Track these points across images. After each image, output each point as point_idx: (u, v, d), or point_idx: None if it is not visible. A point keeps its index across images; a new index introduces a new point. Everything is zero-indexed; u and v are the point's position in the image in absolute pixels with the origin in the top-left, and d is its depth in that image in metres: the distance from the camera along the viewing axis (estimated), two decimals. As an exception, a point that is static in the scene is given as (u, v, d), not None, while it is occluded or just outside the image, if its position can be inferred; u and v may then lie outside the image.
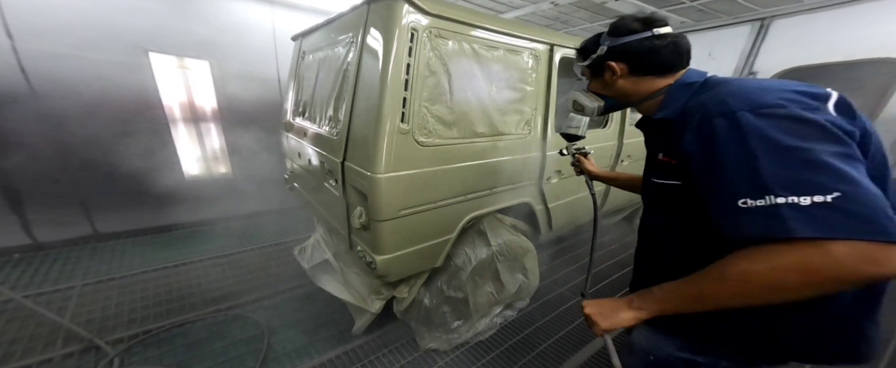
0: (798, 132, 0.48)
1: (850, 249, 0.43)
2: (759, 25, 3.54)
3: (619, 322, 0.66)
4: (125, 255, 2.60)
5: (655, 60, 0.72)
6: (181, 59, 2.87)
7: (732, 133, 0.52)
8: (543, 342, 1.78)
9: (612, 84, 0.80)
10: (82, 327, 1.75)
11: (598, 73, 0.82)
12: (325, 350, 1.72)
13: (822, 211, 0.44)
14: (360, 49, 1.34)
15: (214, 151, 3.28)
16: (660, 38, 0.71)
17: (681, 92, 0.70)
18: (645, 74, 0.75)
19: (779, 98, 0.52)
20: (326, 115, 1.64)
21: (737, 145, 0.51)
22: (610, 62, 0.77)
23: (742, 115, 0.52)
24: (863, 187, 0.45)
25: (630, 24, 0.75)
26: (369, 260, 1.42)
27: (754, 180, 0.49)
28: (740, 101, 0.54)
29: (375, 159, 1.22)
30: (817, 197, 0.45)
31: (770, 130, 0.49)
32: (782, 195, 0.46)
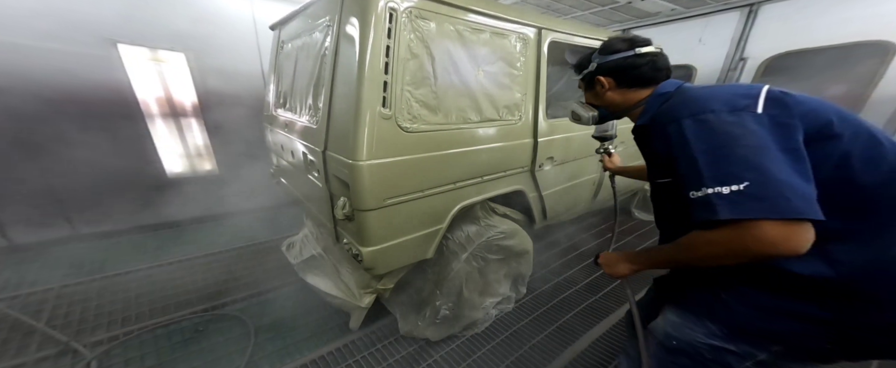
0: (723, 133, 0.60)
1: (752, 228, 0.54)
2: (748, 11, 3.52)
3: (618, 271, 0.85)
4: (106, 255, 2.52)
5: (636, 74, 0.86)
6: (154, 51, 2.75)
7: (679, 137, 0.64)
8: (538, 334, 1.76)
9: (602, 96, 0.94)
10: (59, 329, 1.68)
11: (591, 86, 0.96)
12: (315, 347, 1.69)
13: (738, 197, 0.55)
14: (337, 33, 1.28)
15: (197, 147, 3.18)
16: (641, 56, 0.85)
17: (656, 101, 0.82)
18: (629, 87, 0.88)
19: (714, 104, 0.63)
20: (306, 104, 1.57)
21: (682, 147, 0.64)
22: (599, 77, 0.91)
23: (684, 121, 0.64)
24: (769, 175, 0.54)
25: (616, 44, 0.88)
26: (355, 252, 1.37)
27: (695, 176, 0.60)
28: (686, 109, 0.66)
29: (357, 147, 1.17)
30: (734, 186, 0.55)
31: (703, 133, 0.62)
32: (711, 187, 0.58)
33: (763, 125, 0.59)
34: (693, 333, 0.78)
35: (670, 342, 0.82)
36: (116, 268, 2.31)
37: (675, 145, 0.65)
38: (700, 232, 0.61)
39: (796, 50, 3.29)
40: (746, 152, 0.57)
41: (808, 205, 0.53)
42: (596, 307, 1.98)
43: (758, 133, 0.58)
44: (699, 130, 0.62)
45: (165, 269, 2.35)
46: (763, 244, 0.53)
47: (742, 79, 3.69)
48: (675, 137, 0.65)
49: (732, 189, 0.55)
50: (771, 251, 0.53)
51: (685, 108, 0.66)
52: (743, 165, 0.56)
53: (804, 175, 0.57)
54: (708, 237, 0.60)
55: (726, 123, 0.60)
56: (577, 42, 1.87)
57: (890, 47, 2.80)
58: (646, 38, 0.88)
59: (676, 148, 0.65)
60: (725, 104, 0.63)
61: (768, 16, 3.42)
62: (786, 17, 3.32)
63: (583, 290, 2.13)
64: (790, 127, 0.60)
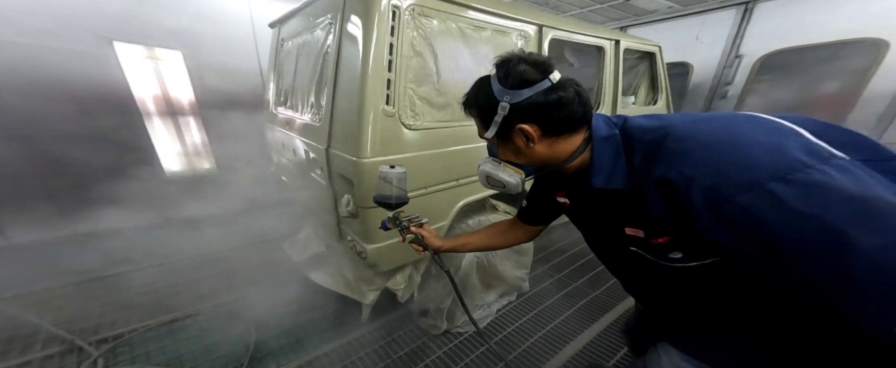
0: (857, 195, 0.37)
1: None
2: (744, 9, 3.56)
3: None
4: (107, 253, 2.51)
5: (565, 115, 0.59)
6: (150, 49, 2.73)
7: (792, 217, 0.39)
8: (541, 329, 1.79)
9: (527, 153, 0.64)
10: (63, 328, 1.69)
11: (507, 138, 0.65)
12: (318, 344, 1.70)
13: None
14: (340, 30, 1.29)
15: (195, 145, 3.17)
16: (560, 87, 0.59)
17: (604, 148, 0.59)
18: (559, 134, 0.61)
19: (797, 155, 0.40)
20: (308, 102, 1.58)
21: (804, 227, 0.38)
22: (521, 125, 0.61)
23: (772, 185, 0.40)
24: None
25: (523, 71, 0.59)
26: (360, 250, 1.39)
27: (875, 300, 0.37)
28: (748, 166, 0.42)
29: (360, 144, 1.19)
30: None
31: (840, 207, 0.37)
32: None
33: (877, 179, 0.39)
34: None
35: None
36: (117, 267, 2.30)
37: (788, 225, 0.39)
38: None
39: (791, 47, 3.33)
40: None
41: None
42: (597, 302, 2.00)
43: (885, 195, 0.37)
44: (825, 201, 0.38)
45: (166, 267, 2.35)
46: None
47: (737, 76, 3.74)
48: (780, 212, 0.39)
49: None
50: None
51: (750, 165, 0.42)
52: None
53: None
54: None
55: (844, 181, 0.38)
56: (578, 39, 1.88)
57: (882, 45, 2.85)
58: (545, 57, 0.63)
59: (795, 230, 0.39)
60: (803, 152, 0.41)
61: (764, 13, 3.46)
62: (781, 14, 3.36)
63: (584, 286, 2.16)
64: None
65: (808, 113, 3.33)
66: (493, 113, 0.62)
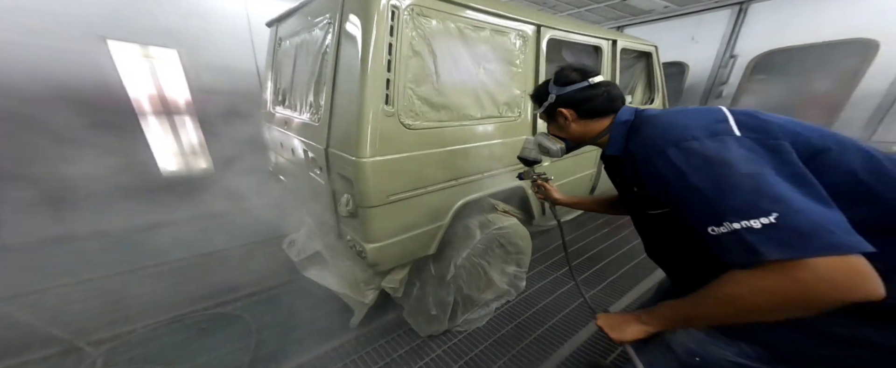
0: (719, 161, 0.56)
1: (818, 269, 0.46)
2: (738, 10, 3.60)
3: (628, 335, 0.72)
4: (103, 254, 2.49)
5: (594, 105, 0.86)
6: (145, 47, 2.70)
7: (672, 168, 0.60)
8: (540, 327, 1.80)
9: (566, 128, 0.92)
10: (61, 329, 1.67)
11: (553, 118, 0.94)
12: (319, 343, 1.70)
13: (776, 232, 0.48)
14: (339, 30, 1.29)
15: (192, 145, 3.15)
16: (595, 86, 0.85)
17: (620, 130, 0.82)
18: (590, 118, 0.88)
19: (693, 131, 0.61)
20: (307, 101, 1.58)
21: (680, 178, 0.59)
22: (560, 109, 0.90)
23: (669, 151, 0.61)
24: (792, 202, 0.49)
25: (570, 74, 0.88)
26: (359, 249, 1.40)
27: (709, 209, 0.55)
28: (666, 138, 0.63)
29: (360, 144, 1.19)
30: (763, 219, 0.49)
31: (695, 162, 0.58)
32: (736, 221, 0.51)
33: (751, 149, 0.56)
34: (722, 352, 0.71)
35: (693, 359, 0.74)
36: (114, 268, 2.29)
37: (671, 178, 0.60)
38: (737, 277, 0.53)
39: (784, 47, 3.38)
40: (752, 181, 0.52)
41: (851, 237, 0.47)
42: (594, 300, 2.03)
43: (750, 158, 0.55)
44: (688, 158, 0.58)
45: (165, 268, 2.34)
46: (832, 289, 0.45)
47: (732, 76, 3.78)
48: (667, 168, 0.60)
49: (763, 223, 0.49)
50: (844, 297, 0.45)
51: (664, 137, 0.63)
52: (757, 194, 0.51)
53: (824, 201, 0.51)
54: (753, 285, 0.50)
55: (713, 149, 0.57)
56: (575, 39, 1.90)
57: (872, 45, 2.89)
58: (593, 67, 0.93)
59: (673, 180, 0.59)
60: (703, 130, 0.60)
61: (758, 14, 3.50)
62: (774, 15, 3.40)
63: (581, 284, 2.18)
64: (782, 149, 0.56)
65: (801, 114, 3.38)
66: (545, 100, 0.93)
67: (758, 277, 0.50)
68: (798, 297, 0.48)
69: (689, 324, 0.65)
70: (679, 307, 0.64)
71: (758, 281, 0.50)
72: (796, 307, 0.49)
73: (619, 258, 2.44)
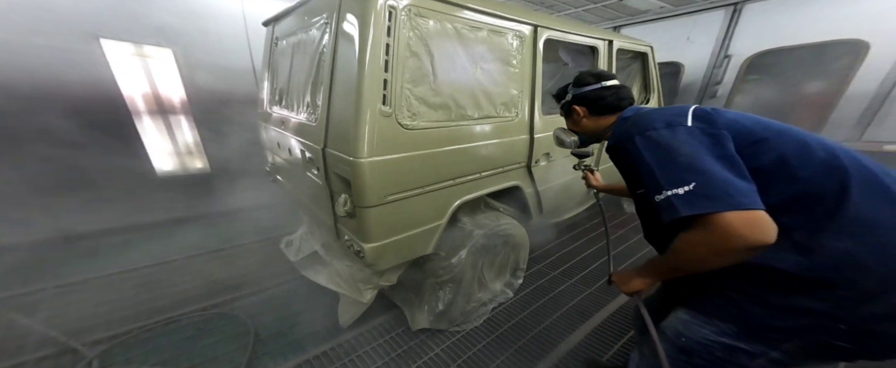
0: (665, 145, 0.72)
1: (717, 221, 0.61)
2: (733, 10, 3.63)
3: (634, 287, 0.89)
4: (99, 255, 2.48)
5: (604, 103, 1.01)
6: (139, 46, 2.67)
7: (636, 151, 0.76)
8: (537, 325, 1.82)
9: (579, 123, 1.09)
10: (56, 330, 1.66)
11: (569, 114, 1.11)
12: (318, 343, 1.71)
13: (690, 196, 0.64)
14: (336, 30, 1.29)
15: (188, 145, 3.13)
16: (607, 88, 1.00)
17: (619, 124, 0.96)
18: (600, 114, 1.03)
19: (655, 123, 0.76)
20: (304, 101, 1.58)
21: (639, 159, 0.75)
22: (575, 106, 1.06)
23: (636, 138, 0.77)
24: (709, 175, 0.64)
25: (587, 78, 1.04)
26: (357, 249, 1.40)
27: (654, 183, 0.70)
28: (636, 128, 0.79)
29: (357, 144, 1.19)
30: (685, 187, 0.65)
31: (650, 145, 0.74)
32: (669, 190, 0.67)
33: (694, 135, 0.71)
34: (703, 331, 0.80)
35: (680, 339, 0.84)
36: (110, 268, 2.27)
37: (635, 159, 0.76)
38: (681, 236, 0.69)
39: (777, 48, 3.42)
40: (686, 159, 0.68)
41: (749, 198, 0.61)
42: (592, 299, 2.05)
43: (691, 142, 0.70)
44: (647, 144, 0.74)
45: (161, 268, 2.33)
46: (731, 235, 0.60)
47: (726, 76, 3.82)
48: (633, 151, 0.77)
49: (685, 190, 0.64)
50: (740, 242, 0.59)
51: (635, 127, 0.79)
52: (687, 169, 0.66)
53: (741, 175, 0.65)
54: (688, 239, 0.67)
55: (665, 136, 0.73)
56: (572, 40, 1.91)
57: (863, 46, 2.94)
58: (609, 72, 1.06)
59: (636, 161, 0.76)
60: (662, 122, 0.76)
61: (752, 14, 3.54)
62: (768, 16, 3.44)
63: (578, 283, 2.21)
64: (719, 136, 0.71)
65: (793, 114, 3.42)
66: (563, 98, 1.11)
67: (690, 232, 0.67)
68: (715, 243, 0.62)
69: (672, 274, 0.80)
70: (660, 261, 0.82)
71: (690, 235, 0.67)
72: (718, 252, 0.63)
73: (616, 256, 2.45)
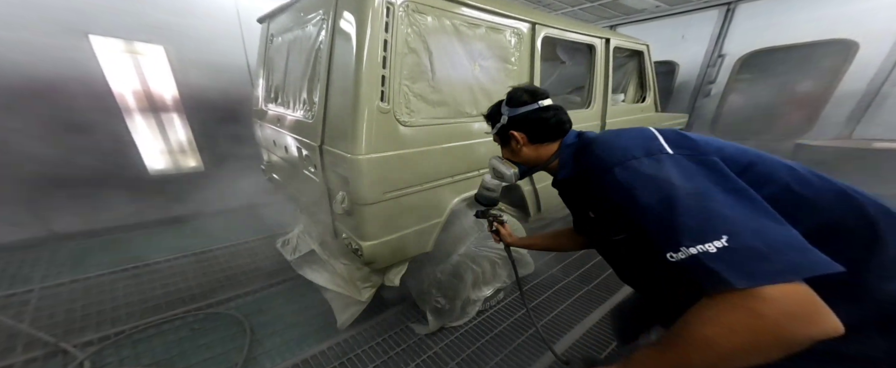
0: (662, 182, 0.55)
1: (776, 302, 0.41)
2: (726, 10, 3.68)
3: None
4: (88, 256, 2.43)
5: (545, 128, 0.84)
6: (130, 43, 2.62)
7: (617, 187, 0.60)
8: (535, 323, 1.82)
9: (518, 152, 0.89)
10: (45, 331, 1.63)
11: (506, 141, 0.91)
12: (316, 342, 1.69)
13: (731, 257, 0.44)
14: (333, 26, 1.27)
15: (180, 143, 3.07)
16: (545, 109, 0.83)
17: (566, 152, 0.82)
18: (541, 142, 0.85)
19: (634, 151, 0.62)
20: (300, 99, 1.56)
21: (627, 199, 0.58)
22: (513, 132, 0.86)
23: (615, 170, 0.61)
24: (738, 223, 0.47)
25: (520, 95, 0.85)
26: (355, 247, 1.39)
27: (665, 232, 0.51)
28: (611, 157, 0.64)
29: (355, 141, 1.18)
30: (716, 242, 0.46)
31: (640, 180, 0.58)
32: (691, 245, 0.47)
33: (688, 166, 0.56)
34: None
35: None
36: (100, 268, 2.23)
37: (621, 198, 0.59)
38: (705, 316, 0.46)
39: (769, 47, 3.47)
40: (697, 200, 0.51)
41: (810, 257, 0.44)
42: (590, 296, 2.05)
43: (689, 176, 0.55)
44: (634, 179, 0.58)
45: (154, 268, 2.29)
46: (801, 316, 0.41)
47: (720, 75, 3.87)
48: (615, 188, 0.60)
49: (717, 246, 0.45)
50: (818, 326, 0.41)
51: (609, 157, 0.64)
52: (706, 214, 0.49)
53: (775, 218, 0.48)
54: (723, 322, 0.44)
55: (653, 167, 0.58)
56: (570, 38, 1.91)
57: (852, 46, 2.99)
58: (543, 89, 0.87)
59: (624, 201, 0.59)
60: (641, 150, 0.61)
61: (745, 14, 3.58)
62: (760, 15, 3.49)
63: (576, 280, 2.21)
64: (717, 166, 0.56)
65: (784, 110, 3.47)
66: (497, 121, 0.89)
67: (725, 313, 0.44)
68: (772, 330, 0.41)
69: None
70: (656, 358, 0.52)
71: (725, 317, 0.44)
72: (771, 347, 0.42)
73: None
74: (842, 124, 3.15)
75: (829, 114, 3.20)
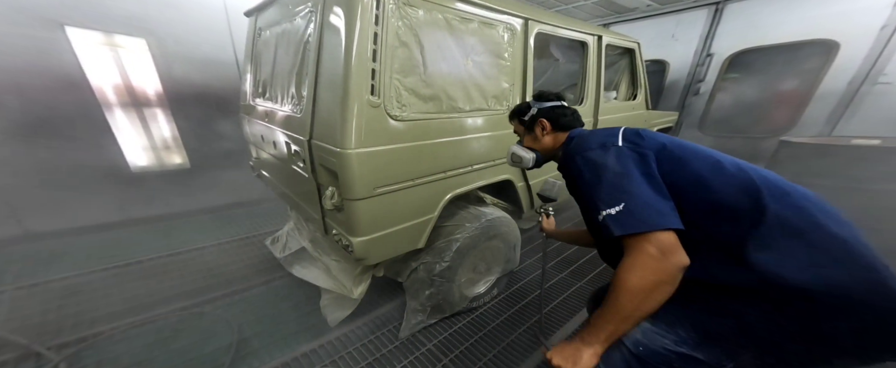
0: (600, 164, 0.77)
1: (650, 241, 0.64)
2: (715, 10, 3.74)
3: (585, 364, 0.69)
4: (66, 255, 2.33)
5: (565, 120, 1.07)
6: (109, 35, 2.52)
7: (577, 171, 0.82)
8: (528, 319, 1.83)
9: (540, 138, 1.09)
10: (18, 333, 1.55)
11: (531, 129, 1.11)
12: (306, 341, 1.66)
13: (622, 216, 0.67)
14: (322, 18, 1.24)
15: (165, 139, 2.98)
16: (565, 107, 1.09)
17: (567, 143, 1.03)
18: (559, 131, 1.08)
19: (592, 144, 0.83)
20: (289, 93, 1.52)
21: (580, 178, 0.81)
22: (541, 119, 1.08)
23: (577, 158, 0.84)
24: (635, 195, 0.69)
25: (548, 95, 1.11)
26: (346, 243, 1.36)
27: (593, 202, 0.74)
28: (577, 148, 0.86)
29: (345, 135, 1.15)
30: (617, 207, 0.68)
31: (588, 166, 0.80)
32: (604, 209, 0.70)
33: (623, 155, 0.77)
34: (663, 340, 0.78)
35: (638, 348, 0.80)
36: (78, 268, 2.14)
37: (576, 177, 0.82)
38: (622, 266, 0.67)
39: (755, 47, 3.55)
40: (616, 179, 0.72)
41: (668, 218, 0.66)
42: (582, 292, 2.07)
43: (621, 162, 0.75)
44: (585, 164, 0.80)
45: (136, 267, 2.21)
46: (662, 254, 0.63)
47: (709, 74, 3.94)
48: (574, 170, 0.83)
49: (616, 210, 0.68)
50: (673, 261, 0.63)
51: (578, 147, 0.85)
52: (617, 188, 0.71)
53: (661, 193, 0.70)
54: (624, 266, 0.66)
55: (599, 156, 0.79)
56: (563, 34, 1.91)
57: (833, 46, 3.08)
58: (560, 93, 1.12)
59: (577, 179, 0.82)
60: (598, 144, 0.82)
61: (732, 14, 3.66)
62: (747, 15, 3.56)
63: (569, 277, 2.23)
64: (646, 156, 0.76)
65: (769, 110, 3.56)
66: (527, 113, 1.13)
67: (625, 259, 0.66)
68: (649, 265, 0.63)
69: (622, 325, 0.68)
70: (603, 314, 0.69)
71: (625, 262, 0.66)
72: (655, 273, 0.63)
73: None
74: (824, 122, 3.25)
75: (811, 112, 3.30)
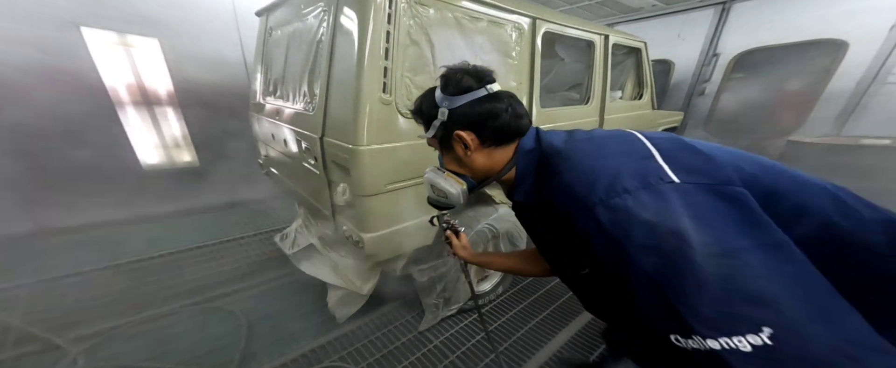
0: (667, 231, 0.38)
1: None
2: (721, 9, 3.73)
3: None
4: (82, 251, 2.38)
5: (499, 124, 0.59)
6: (123, 35, 2.57)
7: (601, 235, 0.43)
8: (533, 318, 1.83)
9: (467, 160, 0.64)
10: (37, 326, 1.59)
11: (448, 145, 0.64)
12: (314, 337, 1.68)
13: (777, 361, 0.32)
14: (335, 17, 1.27)
15: (175, 138, 3.03)
16: (495, 96, 0.60)
17: (525, 161, 0.61)
18: (495, 144, 0.62)
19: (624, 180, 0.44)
20: (300, 91, 1.55)
21: (619, 254, 0.41)
22: (459, 132, 0.60)
23: (597, 210, 0.43)
24: (790, 305, 0.33)
25: (461, 78, 0.60)
26: (357, 239, 1.38)
27: (667, 312, 0.37)
28: (588, 188, 0.46)
29: (357, 131, 1.18)
30: (752, 337, 0.32)
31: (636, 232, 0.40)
32: (711, 337, 0.34)
33: (705, 206, 0.40)
34: None
35: None
36: (94, 263, 2.19)
37: (608, 254, 0.44)
38: None
39: (762, 46, 3.53)
40: (722, 266, 0.35)
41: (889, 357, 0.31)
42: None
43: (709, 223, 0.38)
44: (627, 228, 0.41)
45: (149, 263, 2.25)
46: None
47: (714, 74, 3.92)
48: (599, 238, 0.44)
49: (753, 343, 0.32)
50: None
51: (588, 187, 0.46)
52: (735, 292, 0.34)
53: (829, 292, 0.34)
54: None
55: (655, 209, 0.40)
56: (570, 33, 1.92)
57: (842, 45, 3.06)
58: (489, 70, 0.62)
59: (613, 258, 0.43)
60: (634, 176, 0.44)
61: (739, 13, 3.64)
62: (755, 15, 3.54)
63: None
64: (748, 205, 0.39)
65: (776, 108, 3.54)
66: (434, 118, 0.62)
67: None
68: None
69: None
70: None
71: None
72: None
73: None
74: (831, 123, 3.22)
75: (819, 113, 3.27)
